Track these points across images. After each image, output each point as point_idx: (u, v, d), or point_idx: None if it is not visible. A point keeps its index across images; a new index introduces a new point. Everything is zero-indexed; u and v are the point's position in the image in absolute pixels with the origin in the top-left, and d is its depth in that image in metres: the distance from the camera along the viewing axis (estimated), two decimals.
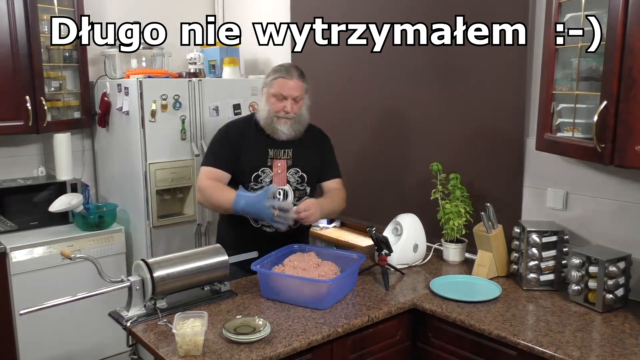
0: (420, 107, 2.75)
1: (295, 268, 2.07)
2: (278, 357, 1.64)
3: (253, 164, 2.29)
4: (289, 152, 2.33)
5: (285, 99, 2.24)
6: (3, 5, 2.87)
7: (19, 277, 2.83)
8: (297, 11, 3.40)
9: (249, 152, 2.30)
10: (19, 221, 3.05)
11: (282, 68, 2.30)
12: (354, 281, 2.15)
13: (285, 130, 2.27)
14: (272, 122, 2.27)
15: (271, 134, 2.29)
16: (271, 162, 2.30)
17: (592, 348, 1.65)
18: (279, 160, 2.31)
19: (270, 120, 2.27)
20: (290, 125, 2.27)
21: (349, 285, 2.10)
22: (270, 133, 2.29)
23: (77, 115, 3.35)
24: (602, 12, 1.75)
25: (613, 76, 1.66)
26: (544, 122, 2.03)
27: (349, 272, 2.05)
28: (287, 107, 2.24)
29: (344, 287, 2.06)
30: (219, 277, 2.01)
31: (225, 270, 2.01)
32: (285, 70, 2.28)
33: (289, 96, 2.24)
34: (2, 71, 2.90)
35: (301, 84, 2.28)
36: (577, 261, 1.97)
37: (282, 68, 2.30)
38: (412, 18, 2.72)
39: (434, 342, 2.04)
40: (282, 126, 2.26)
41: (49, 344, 2.94)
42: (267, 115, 2.28)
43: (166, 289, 1.88)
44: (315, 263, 2.12)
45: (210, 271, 1.98)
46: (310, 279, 1.97)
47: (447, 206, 2.42)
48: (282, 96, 2.24)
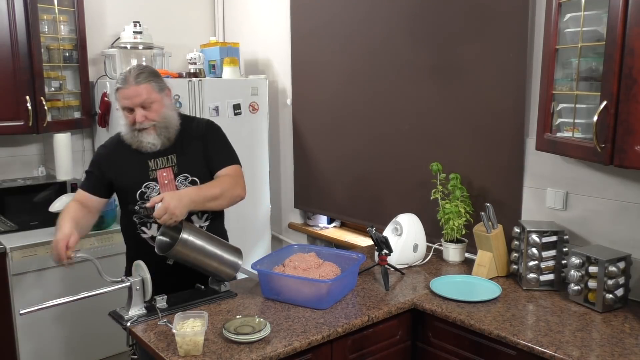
0: (420, 107, 2.75)
1: (296, 268, 2.07)
2: (278, 357, 1.64)
3: (133, 183, 2.04)
4: (172, 157, 2.06)
5: (131, 109, 1.98)
6: (3, 5, 2.87)
7: (19, 277, 2.83)
8: (297, 10, 3.40)
9: (125, 172, 2.06)
10: (19, 221, 3.05)
11: (120, 78, 2.01)
12: (354, 281, 2.15)
13: (152, 140, 2.02)
14: (134, 137, 2.02)
15: (138, 148, 2.04)
16: (155, 173, 2.05)
17: (592, 348, 1.65)
18: (164, 169, 2.05)
19: (132, 135, 2.02)
20: (155, 133, 2.01)
21: (349, 285, 2.10)
22: (137, 148, 2.03)
23: (77, 115, 3.35)
24: (602, 12, 1.75)
25: (613, 76, 1.66)
26: (544, 122, 2.03)
27: (348, 273, 2.05)
28: (138, 117, 1.98)
29: (344, 287, 2.06)
30: (226, 274, 2.03)
31: (234, 272, 2.03)
32: (121, 80, 1.99)
33: (132, 106, 1.97)
34: (2, 71, 2.90)
35: (141, 88, 1.97)
36: (577, 261, 1.97)
37: (119, 78, 2.02)
38: (412, 17, 2.72)
39: (433, 342, 2.04)
40: (146, 137, 2.01)
41: (48, 343, 2.94)
42: (126, 130, 2.04)
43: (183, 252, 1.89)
44: (317, 263, 2.12)
45: (222, 263, 1.99)
46: (310, 278, 1.98)
47: (447, 206, 2.43)
48: (127, 108, 1.99)
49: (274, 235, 3.75)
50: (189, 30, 3.92)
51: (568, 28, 1.93)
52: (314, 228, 3.52)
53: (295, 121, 3.53)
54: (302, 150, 3.50)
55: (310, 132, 3.42)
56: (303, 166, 3.51)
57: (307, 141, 3.45)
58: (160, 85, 2.04)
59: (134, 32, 3.34)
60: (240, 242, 2.28)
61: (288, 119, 3.58)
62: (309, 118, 3.42)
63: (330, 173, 3.31)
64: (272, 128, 3.63)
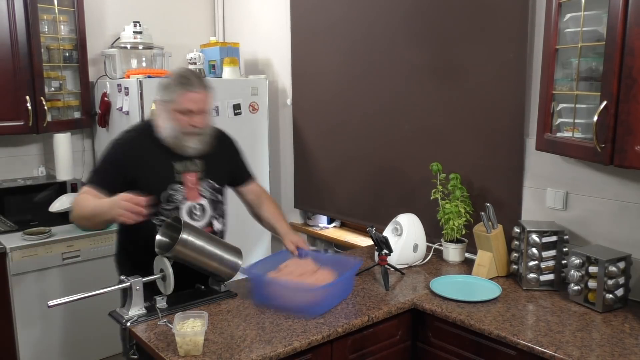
0: (420, 107, 2.75)
1: (291, 274, 2.02)
2: (278, 357, 1.64)
3: (159, 184, 2.02)
4: (198, 162, 2.09)
5: (193, 113, 1.99)
6: (3, 5, 2.87)
7: (19, 277, 2.83)
8: (297, 10, 3.40)
9: (152, 172, 2.02)
10: (19, 221, 3.05)
11: (184, 79, 2.00)
12: (349, 287, 2.10)
13: (195, 146, 2.03)
14: (180, 140, 2.01)
15: (178, 152, 2.04)
16: (180, 177, 2.05)
17: (592, 348, 1.65)
18: (189, 173, 2.07)
19: (178, 138, 2.01)
20: (199, 140, 2.04)
21: (341, 292, 2.03)
22: (179, 152, 2.04)
23: (77, 115, 3.35)
24: (602, 12, 1.75)
25: (613, 76, 1.66)
26: (544, 122, 2.03)
27: (339, 281, 1.97)
28: (196, 123, 1.99)
29: (336, 294, 1.99)
30: (226, 274, 2.03)
31: (234, 272, 2.03)
32: (188, 83, 1.99)
33: (196, 110, 1.99)
34: (2, 71, 2.90)
35: (207, 95, 2.02)
36: (577, 261, 1.97)
37: (183, 80, 2.00)
38: (412, 17, 2.72)
39: (434, 342, 2.04)
40: (191, 142, 2.02)
41: (48, 344, 2.94)
42: (173, 133, 2.00)
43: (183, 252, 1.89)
44: (313, 269, 2.06)
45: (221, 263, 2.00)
46: (300, 285, 1.90)
47: (447, 206, 2.43)
48: (189, 111, 1.98)
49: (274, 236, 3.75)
50: (189, 30, 3.92)
51: (568, 28, 1.93)
52: (314, 228, 3.52)
53: (295, 121, 3.53)
54: (302, 150, 3.50)
55: (310, 132, 3.42)
56: (303, 166, 3.51)
57: (307, 141, 3.45)
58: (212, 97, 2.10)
59: (134, 32, 3.34)
60: (240, 242, 2.27)
61: (288, 119, 3.58)
62: (309, 118, 3.42)
63: (330, 173, 3.31)
64: (272, 128, 3.62)
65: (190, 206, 2.07)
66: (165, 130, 2.02)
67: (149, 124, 2.11)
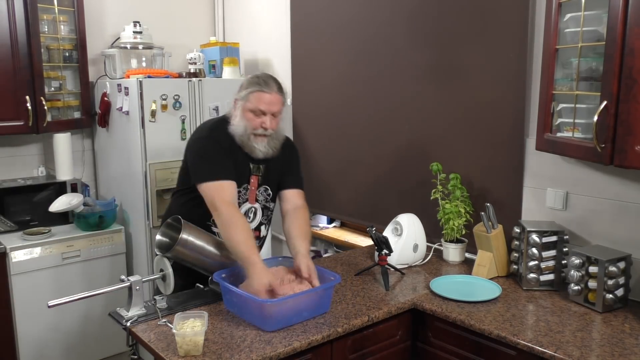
0: (420, 107, 2.74)
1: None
2: (278, 357, 1.64)
3: (238, 179, 2.07)
4: (262, 167, 2.14)
5: (264, 114, 2.03)
6: (3, 5, 2.87)
7: (19, 277, 2.83)
8: (297, 10, 3.39)
9: (235, 166, 2.07)
10: (19, 221, 3.05)
11: (260, 80, 2.06)
12: (321, 304, 1.90)
13: (262, 149, 2.07)
14: (248, 139, 2.05)
15: (247, 152, 2.08)
16: (250, 178, 2.12)
17: (592, 348, 1.65)
18: (254, 176, 2.13)
19: (247, 137, 2.05)
20: (267, 142, 2.07)
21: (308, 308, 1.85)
22: (247, 151, 2.08)
23: (77, 115, 3.35)
24: (602, 12, 1.75)
25: (613, 76, 1.66)
26: (544, 122, 2.03)
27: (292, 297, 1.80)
28: (265, 123, 2.03)
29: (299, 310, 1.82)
30: None
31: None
32: (264, 83, 2.04)
33: (267, 111, 2.03)
34: (2, 71, 2.90)
35: (280, 98, 2.07)
36: (577, 261, 1.97)
37: (259, 80, 2.06)
38: (412, 17, 2.72)
39: (434, 342, 2.04)
40: (259, 144, 2.06)
41: (48, 344, 2.94)
42: (243, 132, 2.05)
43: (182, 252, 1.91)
44: (289, 279, 1.93)
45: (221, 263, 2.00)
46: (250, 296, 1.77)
47: (447, 206, 2.43)
48: (260, 111, 2.03)
49: (274, 235, 3.75)
50: (189, 30, 3.92)
51: (568, 28, 1.93)
52: (314, 228, 3.52)
53: (295, 121, 3.53)
54: (302, 150, 3.48)
55: (310, 132, 3.42)
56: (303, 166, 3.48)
57: (306, 141, 3.45)
58: (285, 100, 2.13)
59: (134, 32, 3.34)
60: None
61: (288, 119, 3.58)
62: (309, 118, 3.42)
63: (330, 173, 3.31)
64: None
65: (248, 208, 2.13)
66: (237, 128, 2.06)
67: (225, 120, 2.13)
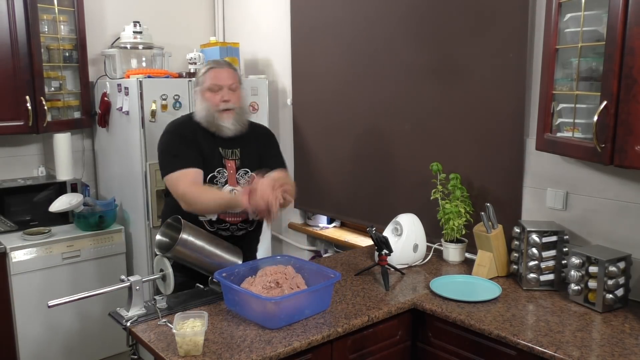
0: (420, 107, 2.75)
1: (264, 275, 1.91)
2: (278, 357, 1.64)
3: (209, 164, 2.16)
4: (236, 152, 2.22)
5: (221, 88, 2.15)
6: (3, 5, 2.87)
7: (19, 277, 2.83)
8: (297, 10, 3.40)
9: (204, 152, 2.16)
10: (19, 221, 3.05)
11: (210, 62, 2.24)
12: (323, 302, 1.92)
13: (230, 125, 2.16)
14: (214, 118, 2.15)
15: (216, 132, 2.17)
16: (224, 162, 2.19)
17: (592, 348, 1.65)
18: (229, 160, 2.20)
19: (212, 117, 2.15)
20: (233, 118, 2.17)
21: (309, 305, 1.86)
22: (215, 131, 2.16)
23: (77, 115, 3.35)
24: (602, 12, 1.75)
25: (613, 76, 1.66)
26: (544, 122, 2.03)
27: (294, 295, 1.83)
28: (225, 96, 2.14)
29: (300, 307, 1.83)
30: None
31: None
32: (213, 62, 2.24)
33: (224, 85, 2.15)
34: (2, 71, 2.90)
35: (233, 72, 2.20)
36: (577, 261, 1.97)
37: (209, 63, 2.24)
38: (413, 17, 2.72)
39: (434, 342, 2.04)
40: (226, 121, 2.15)
41: (48, 344, 2.94)
42: (207, 113, 2.16)
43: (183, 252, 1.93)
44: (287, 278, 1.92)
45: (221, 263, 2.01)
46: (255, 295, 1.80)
47: (447, 206, 2.43)
48: (217, 87, 2.15)
49: (274, 235, 3.75)
50: (189, 30, 3.92)
51: (568, 28, 1.93)
52: (314, 228, 3.52)
53: (295, 121, 3.53)
54: (302, 150, 3.50)
55: (311, 132, 3.42)
56: (303, 166, 3.51)
57: (307, 141, 3.45)
58: (241, 79, 2.27)
59: (134, 32, 3.34)
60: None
61: (288, 119, 3.58)
62: (309, 118, 3.42)
63: (331, 173, 3.31)
64: (272, 128, 3.60)
65: (229, 190, 2.15)
66: (200, 112, 2.17)
67: (190, 114, 2.26)
